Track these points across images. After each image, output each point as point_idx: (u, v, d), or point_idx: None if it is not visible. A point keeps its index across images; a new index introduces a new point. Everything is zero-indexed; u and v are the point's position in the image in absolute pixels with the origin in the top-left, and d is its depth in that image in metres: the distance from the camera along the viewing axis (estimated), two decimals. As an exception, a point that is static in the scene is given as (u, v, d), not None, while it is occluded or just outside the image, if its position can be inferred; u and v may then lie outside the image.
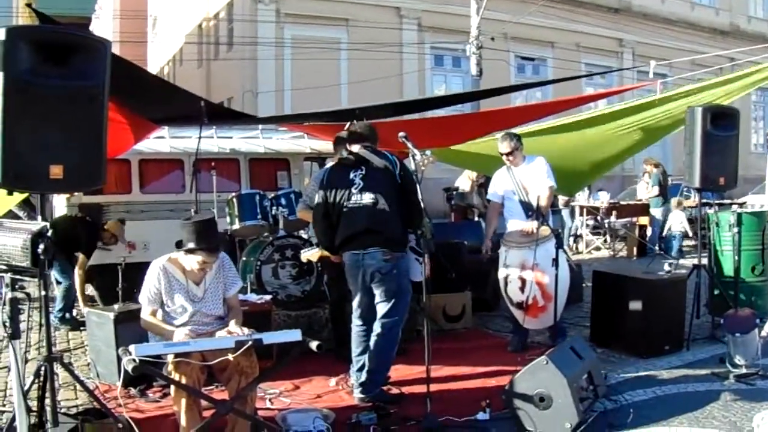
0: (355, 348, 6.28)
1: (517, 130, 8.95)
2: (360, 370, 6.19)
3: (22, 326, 4.56)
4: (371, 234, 6.07)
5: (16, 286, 4.57)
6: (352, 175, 6.22)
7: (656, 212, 15.81)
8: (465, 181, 14.16)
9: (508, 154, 7.80)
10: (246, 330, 4.93)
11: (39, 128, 4.46)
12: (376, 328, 6.11)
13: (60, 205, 9.93)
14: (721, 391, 6.29)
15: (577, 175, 10.18)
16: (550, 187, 7.71)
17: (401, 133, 5.87)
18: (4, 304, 4.41)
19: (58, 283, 9.01)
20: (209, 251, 5.04)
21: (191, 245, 5.00)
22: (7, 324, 4.38)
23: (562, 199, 14.84)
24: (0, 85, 4.28)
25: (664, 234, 15.98)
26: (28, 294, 4.70)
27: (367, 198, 6.11)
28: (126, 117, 7.77)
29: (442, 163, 11.07)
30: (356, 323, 6.30)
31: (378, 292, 6.12)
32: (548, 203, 7.85)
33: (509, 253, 7.62)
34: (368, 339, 6.20)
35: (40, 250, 4.55)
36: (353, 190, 6.17)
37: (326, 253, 6.74)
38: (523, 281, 7.45)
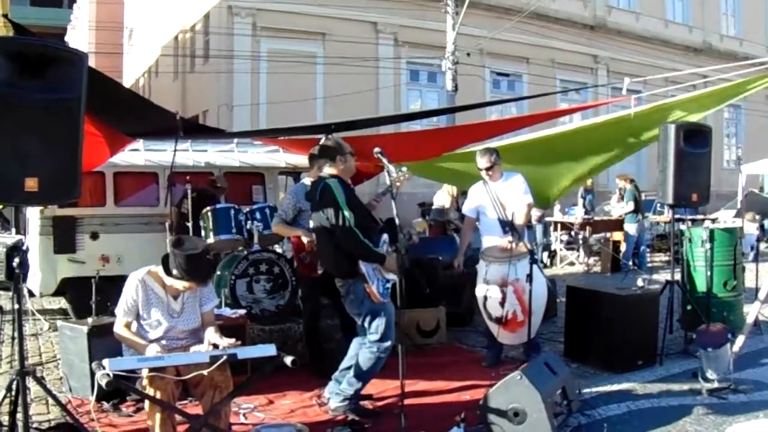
0: (346, 360, 6.33)
1: (492, 144, 9.03)
2: (339, 381, 6.20)
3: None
4: (323, 265, 6.48)
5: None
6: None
7: (630, 228, 15.90)
8: (443, 197, 14.22)
9: (487, 169, 7.83)
10: (226, 339, 4.93)
11: (14, 140, 4.45)
12: (362, 343, 6.16)
13: (33, 217, 9.85)
14: (694, 405, 6.35)
15: (551, 187, 10.24)
16: (528, 204, 7.79)
17: (376, 149, 5.90)
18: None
19: None
20: (198, 282, 5.04)
21: (179, 273, 4.96)
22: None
23: (535, 215, 14.88)
24: (-25, 97, 4.27)
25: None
26: (0, 307, 4.69)
27: (314, 233, 6.39)
28: (101, 130, 7.74)
29: (418, 177, 11.12)
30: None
31: (352, 316, 6.21)
32: (526, 219, 7.91)
33: (489, 268, 7.64)
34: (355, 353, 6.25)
35: (15, 264, 4.53)
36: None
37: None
38: (503, 295, 7.47)
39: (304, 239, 7.22)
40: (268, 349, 4.80)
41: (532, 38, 27.69)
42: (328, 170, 6.18)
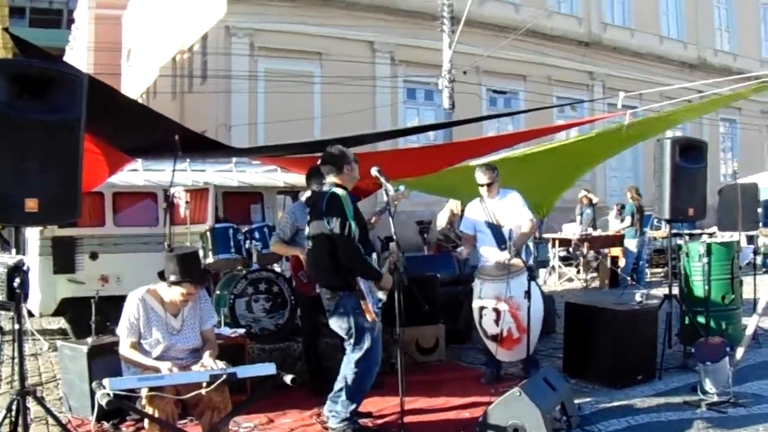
0: (338, 380, 6.30)
1: (489, 158, 9.11)
2: (334, 401, 6.21)
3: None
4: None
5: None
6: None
7: (630, 243, 15.92)
8: (444, 218, 14.26)
9: (487, 185, 7.87)
10: (220, 363, 4.94)
11: (14, 161, 4.49)
12: (347, 361, 6.14)
13: (33, 237, 9.87)
14: (694, 419, 6.36)
15: (544, 198, 10.33)
16: (531, 220, 7.85)
17: (374, 169, 5.96)
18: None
19: None
20: (194, 283, 5.08)
21: (176, 277, 5.02)
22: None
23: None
24: (-24, 118, 4.31)
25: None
26: (0, 327, 4.71)
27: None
28: (101, 148, 7.74)
29: (417, 191, 11.15)
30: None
31: (336, 329, 6.21)
32: (528, 236, 7.98)
33: (484, 286, 7.67)
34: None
35: (15, 284, 4.55)
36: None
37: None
38: (498, 314, 7.49)
39: (302, 258, 7.24)
40: (268, 368, 4.82)
41: (528, 56, 27.82)
42: (332, 179, 6.17)
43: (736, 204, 12.42)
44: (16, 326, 4.72)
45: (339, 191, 5.99)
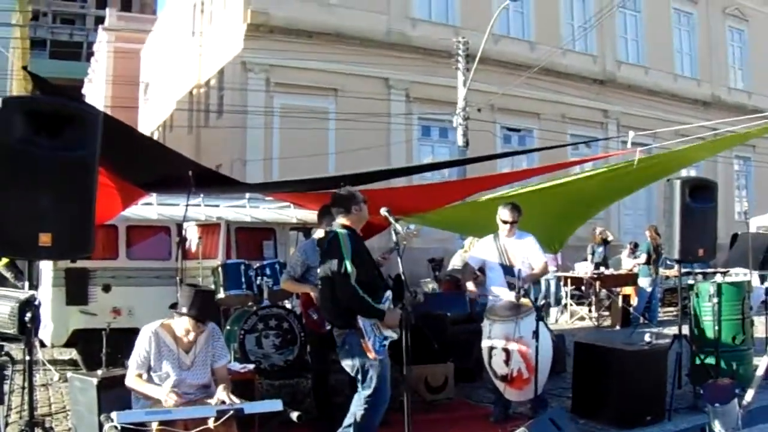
0: (348, 416, 6.31)
1: (501, 191, 9.21)
2: None
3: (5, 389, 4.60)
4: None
5: (2, 352, 4.63)
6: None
7: (644, 282, 15.87)
8: (458, 259, 14.28)
9: (511, 223, 7.91)
10: (234, 398, 4.99)
11: (29, 196, 4.57)
12: (355, 398, 6.16)
13: (47, 268, 9.95)
14: (702, 461, 6.34)
15: (556, 235, 10.36)
16: (545, 262, 7.91)
17: (383, 209, 6.05)
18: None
19: None
20: (196, 319, 5.13)
21: (183, 309, 5.10)
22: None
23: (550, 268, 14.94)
24: (-7, 152, 4.40)
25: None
26: (11, 357, 4.76)
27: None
28: (115, 182, 7.83)
29: (429, 227, 11.20)
30: None
31: (345, 367, 6.24)
32: (540, 275, 8.04)
33: (493, 327, 7.68)
34: None
35: (27, 318, 4.61)
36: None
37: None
38: (508, 354, 7.48)
39: (313, 295, 7.29)
40: (275, 405, 4.87)
41: (542, 93, 27.92)
42: (341, 221, 6.25)
43: (747, 246, 12.42)
44: (27, 358, 4.77)
45: (341, 231, 6.09)
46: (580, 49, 30.74)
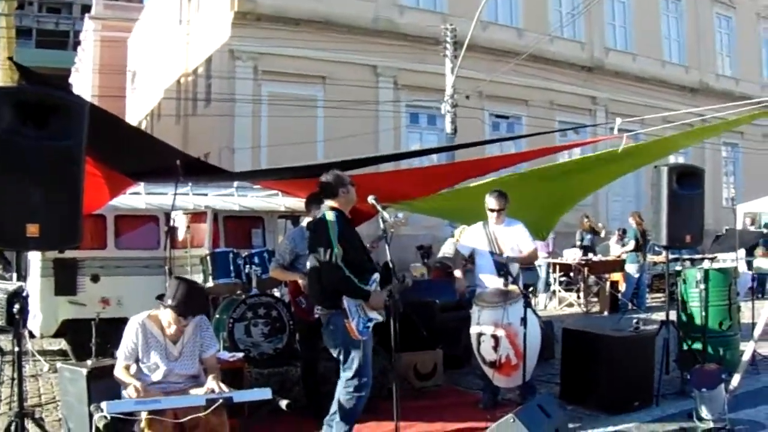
0: (334, 403, 6.33)
1: (489, 177, 9.22)
2: (330, 425, 6.23)
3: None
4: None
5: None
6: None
7: (631, 268, 15.92)
8: (450, 247, 14.29)
9: (498, 211, 7.94)
10: (224, 386, 5.01)
11: (17, 187, 4.56)
12: (339, 382, 6.19)
13: (35, 258, 9.93)
14: (688, 446, 6.39)
15: (543, 222, 10.39)
16: (534, 249, 7.94)
17: (370, 197, 6.07)
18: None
19: None
20: (178, 312, 5.14)
21: (168, 301, 5.12)
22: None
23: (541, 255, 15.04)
24: (-20, 144, 4.39)
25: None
26: (0, 348, 4.77)
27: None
28: (102, 171, 7.80)
29: (418, 214, 11.20)
30: None
31: (329, 347, 6.27)
32: (528, 261, 8.07)
33: (482, 313, 7.69)
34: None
35: (15, 310, 4.62)
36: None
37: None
38: (497, 340, 7.50)
39: (301, 283, 7.30)
40: (264, 393, 4.89)
41: (530, 80, 27.92)
42: (329, 203, 6.28)
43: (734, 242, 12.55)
44: (16, 348, 4.78)
45: (328, 214, 6.13)
46: (569, 36, 30.72)
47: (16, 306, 4.66)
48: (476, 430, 6.55)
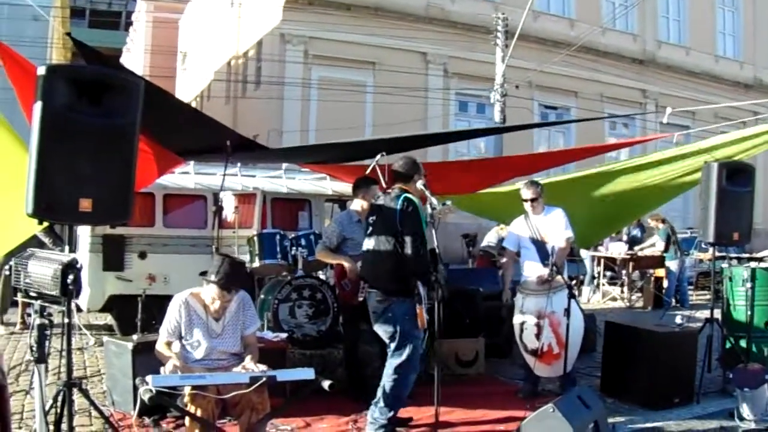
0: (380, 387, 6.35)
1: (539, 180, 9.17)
2: (375, 404, 6.28)
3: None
4: (370, 277, 6.43)
5: (44, 313, 4.73)
6: (369, 220, 6.46)
7: (671, 264, 15.77)
8: (494, 236, 14.28)
9: (532, 200, 7.94)
10: (261, 366, 5.07)
11: (72, 162, 4.64)
12: (386, 367, 6.23)
13: (84, 234, 10.10)
14: (729, 445, 6.34)
15: (594, 227, 10.30)
16: (567, 239, 7.87)
17: (419, 182, 6.09)
18: (32, 329, 4.57)
19: None
20: (220, 287, 5.20)
21: (211, 276, 5.19)
22: (34, 348, 4.54)
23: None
24: (38, 119, 4.48)
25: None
26: (51, 320, 4.86)
27: (369, 243, 6.35)
28: (152, 148, 7.88)
29: (461, 211, 11.18)
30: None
31: (380, 333, 6.30)
32: (565, 253, 8.00)
33: (526, 300, 7.71)
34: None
35: (69, 281, 4.71)
36: (365, 236, 6.45)
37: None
38: (539, 328, 7.52)
39: (346, 266, 7.35)
40: (307, 373, 4.93)
41: (581, 72, 27.72)
42: (401, 186, 6.31)
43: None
44: (66, 320, 4.87)
45: (415, 199, 6.14)
46: (621, 28, 30.42)
47: (70, 277, 4.74)
48: (515, 419, 6.54)
